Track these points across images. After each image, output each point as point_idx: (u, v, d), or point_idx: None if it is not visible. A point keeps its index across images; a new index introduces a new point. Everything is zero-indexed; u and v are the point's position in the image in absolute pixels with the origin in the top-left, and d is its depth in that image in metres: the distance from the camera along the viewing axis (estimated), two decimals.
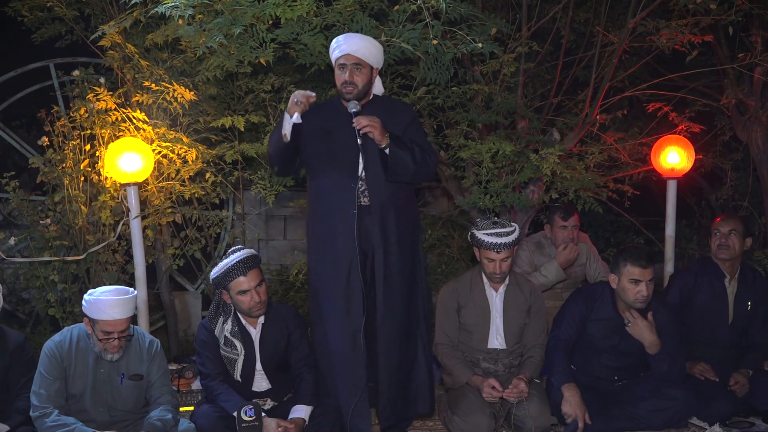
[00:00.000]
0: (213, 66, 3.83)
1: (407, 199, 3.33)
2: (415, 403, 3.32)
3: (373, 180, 3.18)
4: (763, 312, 3.77)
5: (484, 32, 3.71)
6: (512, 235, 3.39)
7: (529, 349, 3.54)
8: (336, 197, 3.20)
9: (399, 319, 3.24)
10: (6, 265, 4.60)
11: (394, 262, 3.21)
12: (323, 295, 3.27)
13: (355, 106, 3.13)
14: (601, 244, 6.16)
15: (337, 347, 3.22)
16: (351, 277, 3.17)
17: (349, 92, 3.18)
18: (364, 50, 3.17)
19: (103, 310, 2.91)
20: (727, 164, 5.58)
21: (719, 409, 3.47)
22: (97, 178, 4.16)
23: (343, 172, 3.19)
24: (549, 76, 4.90)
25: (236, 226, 5.12)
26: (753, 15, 4.73)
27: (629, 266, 3.35)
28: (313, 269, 3.37)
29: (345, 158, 3.19)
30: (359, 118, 3.07)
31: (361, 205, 3.18)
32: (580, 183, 4.21)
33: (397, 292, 3.23)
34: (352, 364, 3.19)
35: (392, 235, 3.21)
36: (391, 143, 3.10)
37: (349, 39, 3.19)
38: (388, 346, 3.20)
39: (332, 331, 3.23)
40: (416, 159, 3.15)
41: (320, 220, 3.28)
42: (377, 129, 3.06)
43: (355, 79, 3.17)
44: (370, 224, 3.19)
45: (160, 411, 3.00)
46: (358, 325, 3.17)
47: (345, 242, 3.17)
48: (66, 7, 4.44)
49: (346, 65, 3.17)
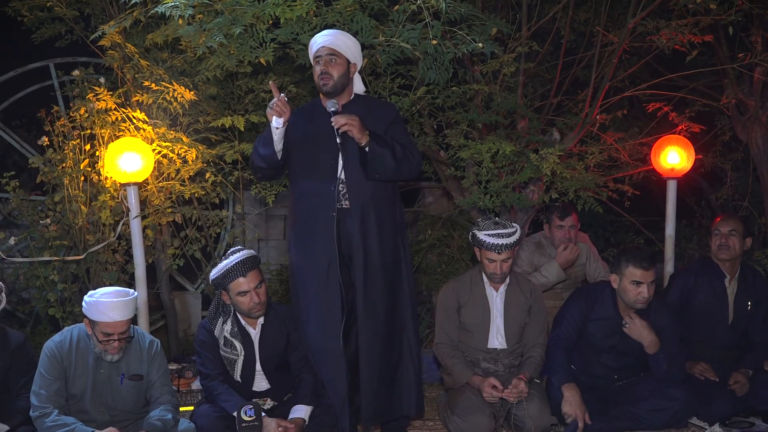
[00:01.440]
0: (213, 66, 3.83)
1: (389, 199, 3.29)
2: (401, 404, 3.29)
3: (353, 181, 3.15)
4: (763, 312, 3.78)
5: (485, 32, 3.71)
6: (513, 236, 3.38)
7: (530, 349, 3.54)
8: (315, 200, 3.19)
9: (381, 321, 3.21)
10: (6, 265, 4.60)
11: (375, 264, 3.19)
12: (304, 297, 3.26)
13: (333, 105, 3.10)
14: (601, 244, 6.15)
15: (318, 348, 3.22)
16: (330, 279, 3.16)
17: (325, 83, 3.15)
18: (339, 42, 3.16)
19: (103, 311, 2.91)
20: (727, 164, 5.57)
21: (719, 409, 3.47)
22: (97, 178, 4.16)
23: (322, 174, 3.17)
24: (549, 76, 4.90)
25: (236, 226, 5.12)
26: (753, 15, 4.73)
27: (631, 267, 3.35)
28: (294, 272, 3.34)
29: (324, 160, 3.17)
30: (337, 117, 3.05)
31: (342, 209, 3.16)
32: (580, 183, 4.20)
33: (379, 294, 3.20)
34: (334, 366, 3.18)
35: (373, 238, 3.18)
36: (371, 140, 3.07)
37: (323, 33, 3.20)
38: (369, 348, 3.17)
39: (314, 332, 3.22)
40: (397, 156, 3.12)
41: (301, 223, 3.25)
42: (356, 127, 3.03)
43: (330, 69, 3.14)
44: (351, 227, 3.17)
45: (160, 411, 3.00)
46: (336, 327, 3.15)
47: (324, 245, 3.15)
48: (66, 7, 4.44)
49: (321, 56, 3.16)
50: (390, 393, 3.26)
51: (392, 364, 3.27)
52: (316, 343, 3.23)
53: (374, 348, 3.19)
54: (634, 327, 3.41)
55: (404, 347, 3.29)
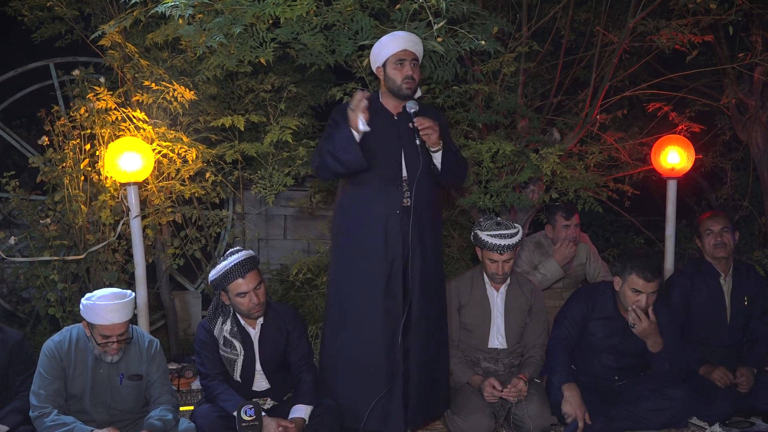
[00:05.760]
0: (213, 65, 3.83)
1: (439, 201, 3.37)
2: (438, 403, 3.32)
3: (414, 181, 3.13)
4: (760, 306, 3.79)
5: (486, 31, 3.72)
6: (515, 237, 3.39)
7: (530, 348, 3.55)
8: (379, 198, 3.15)
9: (432, 321, 3.21)
10: (6, 265, 4.61)
11: (431, 265, 3.20)
12: (353, 297, 3.18)
13: (414, 106, 3.10)
14: (601, 244, 6.16)
15: (366, 349, 3.14)
16: (392, 278, 3.12)
17: (409, 87, 3.14)
18: (420, 48, 3.21)
19: (100, 315, 2.89)
20: (727, 164, 5.58)
21: (719, 409, 3.47)
22: (97, 178, 4.16)
23: (386, 173, 3.15)
24: (549, 75, 4.90)
25: (236, 225, 5.12)
26: (753, 15, 4.73)
27: (634, 276, 3.33)
28: (342, 271, 3.26)
29: (389, 158, 3.15)
30: (421, 119, 3.04)
31: (404, 206, 3.15)
32: (580, 183, 4.21)
33: (433, 296, 3.21)
34: (382, 365, 3.12)
35: (428, 238, 3.20)
36: (444, 146, 3.11)
37: (408, 35, 3.19)
38: (421, 350, 3.16)
39: (362, 332, 3.15)
40: (459, 162, 3.23)
41: (357, 221, 3.20)
42: (436, 132, 3.04)
43: (415, 74, 3.15)
44: (410, 226, 3.14)
45: (160, 411, 2.99)
46: (396, 326, 3.11)
47: (389, 244, 3.12)
48: (66, 7, 4.44)
49: (405, 60, 3.14)
50: (433, 392, 3.27)
51: (438, 364, 3.27)
52: (364, 342, 3.14)
53: (426, 349, 3.18)
54: (641, 327, 3.39)
55: (443, 347, 3.31)
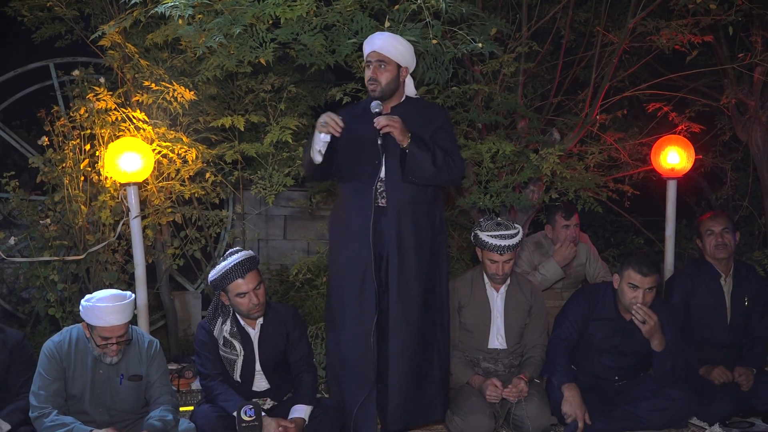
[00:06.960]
0: (213, 66, 3.83)
1: (429, 202, 3.25)
2: (428, 410, 3.27)
3: (392, 181, 3.14)
4: (760, 306, 3.79)
5: (484, 32, 3.71)
6: (516, 237, 3.39)
7: (530, 349, 3.55)
8: (355, 198, 3.18)
9: (413, 324, 3.17)
10: (6, 265, 4.61)
11: (410, 266, 3.16)
12: (338, 295, 3.24)
13: (377, 106, 3.09)
14: (601, 244, 6.16)
15: (348, 347, 3.18)
16: (365, 278, 3.14)
17: (373, 89, 3.15)
18: (389, 47, 3.14)
19: (100, 316, 2.89)
20: (727, 164, 5.58)
21: (719, 409, 3.47)
22: (97, 178, 4.16)
23: (363, 173, 3.17)
24: (549, 76, 4.90)
25: (236, 225, 5.12)
26: (753, 15, 4.72)
27: (630, 270, 3.36)
28: (331, 270, 3.35)
29: (367, 159, 3.16)
30: (379, 118, 3.04)
31: (378, 207, 3.15)
32: (580, 183, 4.21)
33: (413, 296, 3.17)
34: (362, 364, 3.14)
35: (408, 238, 3.16)
36: (411, 143, 3.05)
37: (376, 37, 3.19)
38: (401, 350, 3.15)
39: (345, 331, 3.19)
40: (437, 162, 3.08)
41: (340, 221, 3.27)
42: (397, 128, 3.02)
43: (379, 76, 3.14)
44: (386, 226, 3.15)
45: (160, 411, 2.99)
46: (369, 325, 3.12)
47: (361, 244, 3.13)
48: (66, 7, 4.43)
49: (371, 62, 3.16)
50: (418, 398, 3.23)
51: (423, 369, 3.24)
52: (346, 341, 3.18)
53: (405, 351, 3.15)
54: (648, 326, 3.37)
55: (434, 353, 3.26)
